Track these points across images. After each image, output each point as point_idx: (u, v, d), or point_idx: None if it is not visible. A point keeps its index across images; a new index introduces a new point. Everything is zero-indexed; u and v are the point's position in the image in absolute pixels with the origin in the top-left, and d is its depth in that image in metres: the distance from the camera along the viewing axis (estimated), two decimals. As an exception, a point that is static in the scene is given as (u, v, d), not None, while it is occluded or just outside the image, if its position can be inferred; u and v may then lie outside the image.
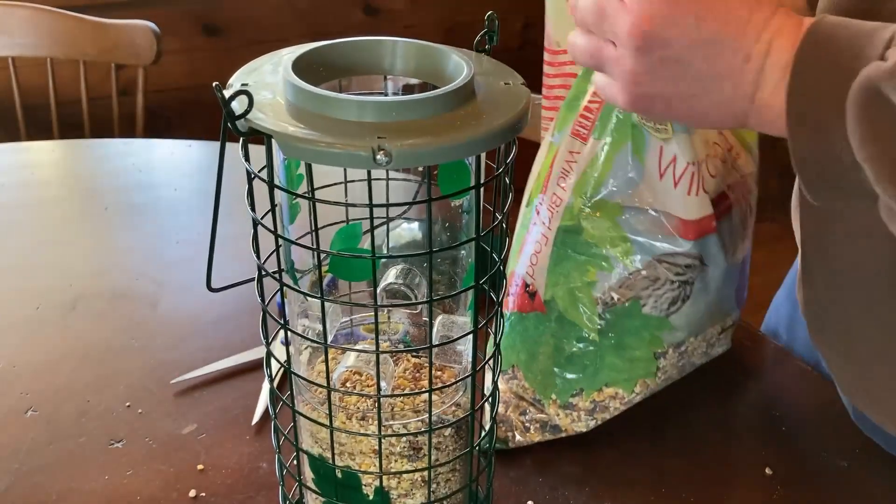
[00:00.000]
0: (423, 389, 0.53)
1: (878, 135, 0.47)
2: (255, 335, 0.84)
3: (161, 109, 1.97)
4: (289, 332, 0.52)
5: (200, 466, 0.71)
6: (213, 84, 0.43)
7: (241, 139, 0.46)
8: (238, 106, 0.43)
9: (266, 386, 0.78)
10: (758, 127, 0.55)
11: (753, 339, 0.87)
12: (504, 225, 0.50)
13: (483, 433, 0.56)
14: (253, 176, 0.47)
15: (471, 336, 0.51)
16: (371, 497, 0.54)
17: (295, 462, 0.58)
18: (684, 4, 0.51)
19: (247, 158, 0.47)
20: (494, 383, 0.56)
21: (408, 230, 0.56)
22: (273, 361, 0.54)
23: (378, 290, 0.49)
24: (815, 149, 0.50)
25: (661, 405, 0.78)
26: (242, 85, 0.47)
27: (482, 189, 0.47)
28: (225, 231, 0.53)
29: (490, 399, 0.56)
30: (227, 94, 0.43)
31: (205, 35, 1.99)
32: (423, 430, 0.53)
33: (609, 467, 0.72)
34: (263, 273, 0.50)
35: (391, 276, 0.53)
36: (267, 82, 0.47)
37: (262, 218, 0.48)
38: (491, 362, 0.55)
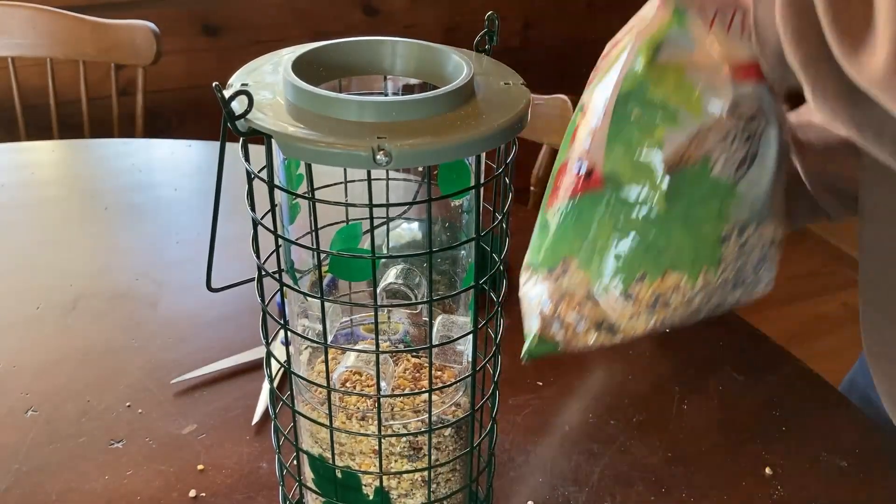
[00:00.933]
0: (423, 389, 0.53)
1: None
2: (255, 335, 0.85)
3: (161, 109, 1.97)
4: (289, 332, 0.52)
5: (200, 466, 0.71)
6: (213, 84, 0.43)
7: (241, 139, 0.46)
8: (238, 106, 0.43)
9: (266, 386, 0.78)
10: None
11: (754, 339, 0.87)
12: (504, 225, 0.51)
13: (483, 433, 0.56)
14: (253, 176, 0.47)
15: (471, 336, 0.52)
16: (371, 497, 0.54)
17: (295, 462, 0.58)
18: None
19: (247, 158, 0.47)
20: (495, 383, 0.56)
21: (408, 230, 0.56)
22: (273, 361, 0.54)
23: (378, 290, 0.49)
24: None
25: (662, 404, 0.79)
26: (242, 85, 0.47)
27: (482, 189, 0.47)
28: (225, 231, 0.53)
29: (490, 399, 0.56)
30: (227, 94, 0.43)
31: (205, 35, 1.99)
32: (423, 430, 0.53)
33: (609, 467, 0.72)
34: (263, 273, 0.50)
35: (391, 276, 0.53)
36: (267, 82, 0.47)
37: (262, 218, 0.48)
38: (491, 362, 0.55)
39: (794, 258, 2.46)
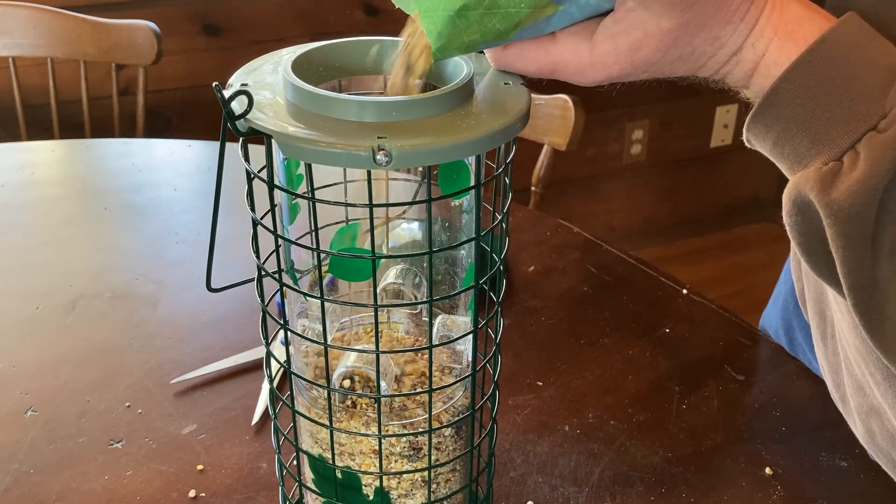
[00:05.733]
0: (424, 390, 0.53)
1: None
2: (255, 335, 0.85)
3: (161, 109, 1.97)
4: (289, 332, 0.52)
5: (200, 466, 0.71)
6: (213, 84, 0.43)
7: (241, 139, 0.46)
8: (238, 106, 0.43)
9: (266, 386, 0.78)
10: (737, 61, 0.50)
11: (753, 339, 0.87)
12: (504, 225, 0.50)
13: (483, 433, 0.56)
14: (253, 176, 0.47)
15: (471, 336, 0.51)
16: (371, 497, 0.54)
17: (295, 462, 0.58)
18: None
19: (246, 158, 0.47)
20: (495, 383, 0.56)
21: (408, 230, 0.56)
22: (273, 361, 0.54)
23: (378, 290, 0.49)
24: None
25: (661, 404, 0.79)
26: (242, 85, 0.47)
27: (482, 189, 0.47)
28: (225, 231, 0.53)
29: (490, 399, 0.56)
30: (226, 94, 0.43)
31: (205, 35, 1.99)
32: (423, 430, 0.53)
33: (609, 467, 0.72)
34: (263, 273, 0.50)
35: (391, 276, 0.53)
36: (267, 82, 0.47)
37: (261, 218, 0.48)
38: (491, 362, 0.55)
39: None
